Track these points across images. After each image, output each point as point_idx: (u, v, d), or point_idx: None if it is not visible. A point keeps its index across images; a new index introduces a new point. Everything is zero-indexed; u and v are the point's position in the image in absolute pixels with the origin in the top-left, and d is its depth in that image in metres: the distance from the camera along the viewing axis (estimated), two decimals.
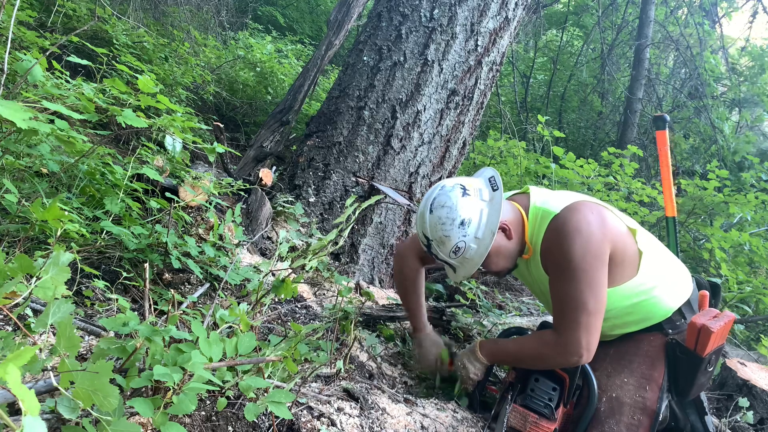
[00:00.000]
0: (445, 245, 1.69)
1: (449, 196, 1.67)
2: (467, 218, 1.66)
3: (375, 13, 3.32)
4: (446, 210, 1.66)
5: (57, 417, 1.05)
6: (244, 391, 1.27)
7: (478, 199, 1.68)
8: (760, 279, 4.27)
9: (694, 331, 1.71)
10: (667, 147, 2.48)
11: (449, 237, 1.67)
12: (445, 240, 1.68)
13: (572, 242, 1.59)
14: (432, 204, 1.69)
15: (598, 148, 8.81)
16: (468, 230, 1.66)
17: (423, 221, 1.71)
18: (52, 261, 1.18)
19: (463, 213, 1.66)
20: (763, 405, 2.44)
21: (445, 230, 1.67)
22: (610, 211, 1.74)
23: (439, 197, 1.69)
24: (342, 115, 3.12)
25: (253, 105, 6.21)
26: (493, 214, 1.67)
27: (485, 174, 1.79)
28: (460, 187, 1.69)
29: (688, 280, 1.87)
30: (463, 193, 1.68)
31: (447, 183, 1.72)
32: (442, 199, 1.68)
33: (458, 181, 1.73)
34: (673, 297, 1.78)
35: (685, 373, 1.77)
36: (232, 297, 2.11)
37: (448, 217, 1.66)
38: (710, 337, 1.68)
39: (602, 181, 4.88)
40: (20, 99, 1.78)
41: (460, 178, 1.75)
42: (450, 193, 1.68)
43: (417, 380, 2.10)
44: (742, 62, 10.02)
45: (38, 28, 3.78)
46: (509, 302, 3.19)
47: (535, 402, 1.76)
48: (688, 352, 1.73)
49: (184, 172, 2.52)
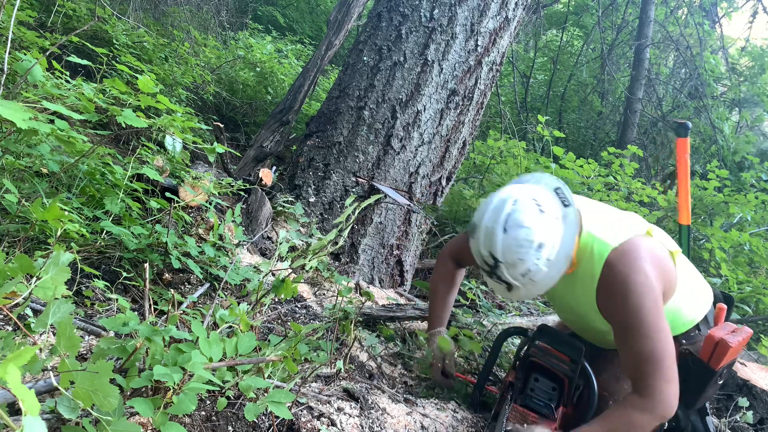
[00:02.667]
0: (516, 268, 1.52)
1: (527, 215, 1.49)
2: (545, 240, 1.50)
3: (375, 13, 3.32)
4: (524, 231, 1.48)
5: (57, 417, 1.05)
6: (244, 391, 1.27)
7: (553, 216, 1.53)
8: (760, 279, 4.27)
9: (711, 344, 1.70)
10: (688, 155, 2.39)
11: (523, 260, 1.50)
12: (518, 263, 1.51)
13: (636, 300, 1.55)
14: (507, 222, 1.49)
15: (598, 148, 8.80)
16: (543, 253, 1.51)
17: (492, 241, 1.51)
18: (52, 261, 1.18)
19: (542, 234, 1.50)
20: (763, 405, 2.44)
21: (521, 253, 1.49)
22: (656, 237, 1.71)
23: (514, 215, 1.49)
24: (342, 115, 3.12)
25: (253, 105, 6.21)
26: (569, 236, 1.54)
27: (548, 184, 1.61)
28: (535, 203, 1.52)
29: (710, 293, 1.87)
30: (540, 210, 1.51)
31: (518, 196, 1.53)
32: (519, 218, 1.49)
33: (528, 193, 1.54)
34: (695, 311, 1.78)
35: (694, 384, 1.76)
36: (232, 297, 2.11)
37: (526, 239, 1.49)
38: (727, 352, 1.67)
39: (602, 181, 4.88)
40: (20, 99, 1.78)
41: (526, 189, 1.56)
42: (527, 210, 1.50)
43: (417, 380, 2.10)
44: (742, 62, 10.02)
45: (38, 28, 3.78)
46: (509, 302, 3.19)
47: (535, 402, 1.76)
48: (701, 363, 1.73)
49: (184, 172, 2.52)
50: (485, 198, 1.68)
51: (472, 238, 1.58)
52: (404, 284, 3.26)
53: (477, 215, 1.59)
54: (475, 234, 1.56)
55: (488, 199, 1.59)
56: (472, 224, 1.59)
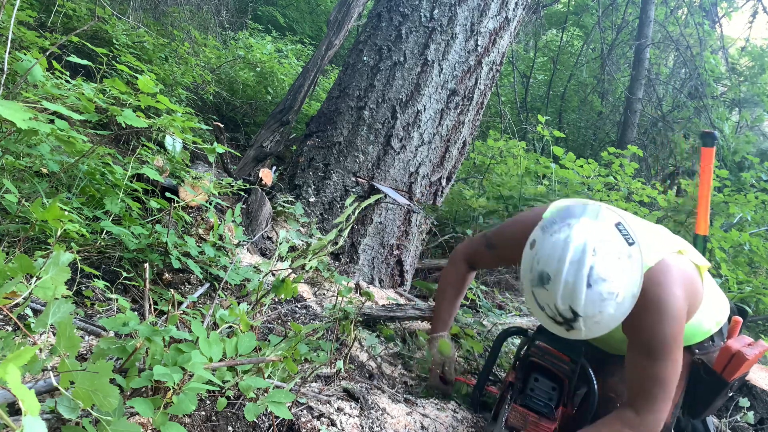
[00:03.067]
0: (593, 319, 1.45)
1: (608, 265, 1.42)
2: (622, 289, 1.44)
3: (375, 13, 3.32)
4: (607, 285, 1.41)
5: (57, 417, 1.05)
6: (244, 391, 1.27)
7: (626, 261, 1.45)
8: (760, 279, 4.27)
9: (727, 356, 1.71)
10: (712, 165, 2.35)
11: (602, 312, 1.44)
12: (597, 315, 1.44)
13: (666, 325, 1.54)
14: (590, 277, 1.40)
15: (598, 148, 8.80)
16: (618, 299, 1.45)
17: (575, 296, 1.41)
18: (52, 261, 1.18)
19: (620, 284, 1.43)
20: (763, 405, 2.44)
21: (602, 306, 1.43)
22: (687, 255, 1.69)
23: (597, 268, 1.41)
24: (342, 115, 3.12)
25: (253, 105, 6.21)
26: (638, 276, 1.48)
27: (607, 218, 1.50)
28: (613, 250, 1.44)
29: (726, 305, 1.87)
30: (617, 257, 1.44)
31: (596, 244, 1.43)
32: (601, 271, 1.41)
33: (601, 237, 1.44)
34: (712, 322, 1.78)
35: (704, 394, 1.76)
36: (232, 297, 2.11)
37: (609, 292, 1.42)
38: (743, 364, 1.68)
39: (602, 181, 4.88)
40: (20, 99, 1.78)
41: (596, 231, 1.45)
42: (607, 260, 1.42)
43: (417, 380, 2.10)
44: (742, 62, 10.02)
45: (38, 28, 3.78)
46: (509, 302, 3.19)
47: (535, 402, 1.76)
48: (714, 374, 1.73)
49: (184, 172, 2.52)
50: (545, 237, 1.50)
51: (542, 289, 1.46)
52: (404, 284, 3.26)
53: (545, 263, 1.45)
54: (548, 285, 1.44)
55: (553, 241, 1.46)
56: (541, 273, 1.46)
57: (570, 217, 1.51)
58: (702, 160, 2.37)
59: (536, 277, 1.48)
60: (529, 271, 1.51)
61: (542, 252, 1.48)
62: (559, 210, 1.59)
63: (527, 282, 1.53)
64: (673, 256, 1.65)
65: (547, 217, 1.63)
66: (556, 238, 1.46)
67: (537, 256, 1.49)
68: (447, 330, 2.13)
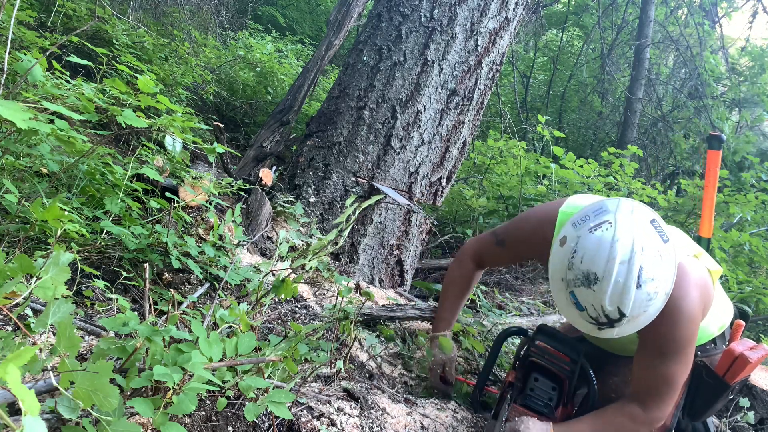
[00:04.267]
0: (637, 320, 1.45)
1: (653, 264, 1.40)
2: (662, 288, 1.44)
3: (375, 13, 3.32)
4: (654, 284, 1.40)
5: (57, 417, 1.05)
6: (244, 391, 1.27)
7: (665, 259, 1.44)
8: (760, 279, 4.27)
9: (730, 359, 1.71)
10: (718, 168, 2.34)
11: (647, 311, 1.44)
12: (641, 316, 1.44)
13: (683, 327, 1.55)
14: (641, 277, 1.38)
15: (598, 148, 8.80)
16: (657, 297, 1.44)
17: (625, 297, 1.39)
18: (52, 261, 1.18)
19: (662, 283, 1.43)
20: (763, 405, 2.44)
21: (648, 306, 1.42)
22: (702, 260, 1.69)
23: (646, 268, 1.39)
24: (342, 115, 3.12)
25: (253, 105, 6.21)
26: (672, 275, 1.47)
27: (643, 214, 1.47)
28: (655, 249, 1.42)
29: (731, 309, 1.87)
30: (659, 255, 1.42)
31: (642, 243, 1.41)
32: (649, 270, 1.39)
33: (644, 235, 1.42)
34: (716, 324, 1.78)
35: (705, 396, 1.77)
36: (232, 297, 2.11)
37: (655, 291, 1.41)
38: (745, 367, 1.68)
39: (602, 181, 4.88)
40: (20, 99, 1.78)
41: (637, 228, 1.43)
42: (652, 258, 1.41)
43: (417, 380, 2.10)
44: (742, 62, 10.02)
45: (38, 28, 3.78)
46: (509, 302, 3.19)
47: (535, 402, 1.76)
48: (716, 377, 1.74)
49: (184, 172, 2.52)
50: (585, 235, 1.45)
51: (588, 289, 1.41)
52: (404, 284, 3.26)
53: (591, 262, 1.41)
54: (596, 286, 1.40)
55: (597, 239, 1.42)
56: (587, 273, 1.41)
57: (605, 212, 1.47)
58: (708, 162, 2.36)
59: (580, 277, 1.43)
60: (567, 270, 1.46)
61: (586, 251, 1.42)
62: (589, 206, 1.54)
63: (563, 283, 1.48)
64: (689, 259, 1.65)
65: (571, 213, 1.60)
66: (600, 236, 1.42)
67: (578, 255, 1.43)
68: (449, 329, 2.12)
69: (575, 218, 1.51)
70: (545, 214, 1.80)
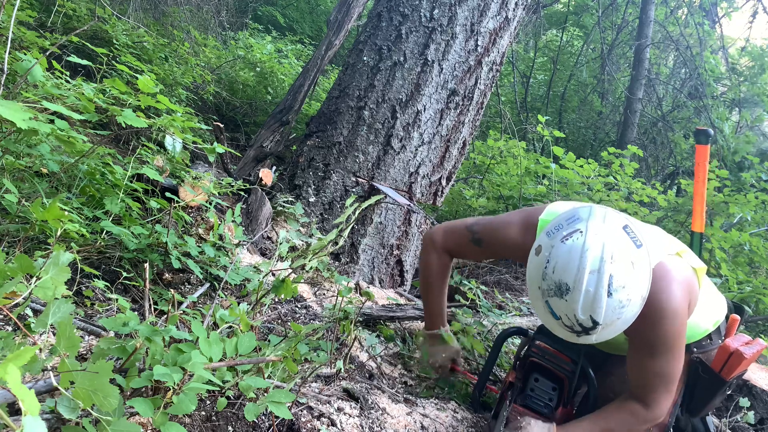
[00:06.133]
0: (612, 327, 1.46)
1: (624, 272, 1.41)
2: (637, 294, 1.45)
3: (375, 13, 3.32)
4: (625, 292, 1.41)
5: (57, 417, 1.05)
6: (244, 391, 1.27)
7: (638, 265, 1.45)
8: (760, 279, 4.27)
9: (725, 355, 1.71)
10: (707, 162, 2.36)
11: (620, 318, 1.44)
12: (616, 322, 1.45)
13: (667, 325, 1.56)
14: (611, 286, 1.39)
15: (598, 148, 8.80)
16: (633, 304, 1.45)
17: (596, 306, 1.40)
18: (52, 261, 1.18)
19: (635, 289, 1.43)
20: (763, 405, 2.44)
21: (620, 313, 1.43)
22: (685, 258, 1.70)
23: (616, 275, 1.40)
24: (342, 115, 3.12)
25: (253, 105, 6.21)
26: (646, 280, 1.47)
27: (614, 221, 1.48)
28: (627, 256, 1.43)
29: (724, 304, 1.87)
30: (631, 261, 1.43)
31: (612, 250, 1.41)
32: (620, 278, 1.40)
33: (615, 242, 1.43)
34: (709, 320, 1.79)
35: (702, 392, 1.78)
36: (232, 297, 2.11)
37: (627, 299, 1.42)
38: (741, 363, 1.69)
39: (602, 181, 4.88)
40: (20, 99, 1.78)
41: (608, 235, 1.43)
42: (623, 266, 1.41)
43: (417, 380, 2.10)
44: (742, 62, 10.02)
45: (38, 28, 3.78)
46: (509, 302, 3.19)
47: (535, 402, 1.76)
48: (712, 373, 1.74)
49: (184, 172, 2.52)
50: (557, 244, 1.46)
51: (561, 299, 1.43)
52: (404, 284, 3.26)
53: (562, 272, 1.42)
54: (567, 296, 1.41)
55: (567, 248, 1.44)
56: (558, 283, 1.43)
57: (577, 221, 1.48)
58: (696, 157, 2.39)
59: (553, 287, 1.44)
60: (542, 280, 1.47)
61: (558, 261, 1.44)
62: (562, 214, 1.55)
63: (539, 291, 1.49)
64: (670, 258, 1.65)
65: (549, 221, 1.61)
66: (571, 246, 1.43)
67: (551, 265, 1.45)
68: (445, 324, 2.12)
69: (549, 227, 1.53)
70: (523, 220, 1.81)
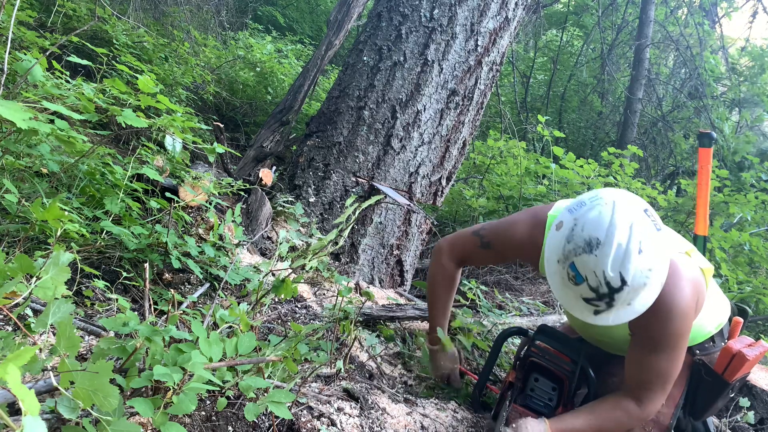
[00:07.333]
0: (636, 293, 1.43)
1: (653, 240, 1.41)
2: (657, 270, 1.44)
3: (375, 13, 3.32)
4: (653, 260, 1.40)
5: (57, 417, 1.05)
6: (244, 391, 1.27)
7: (658, 240, 1.44)
8: (760, 279, 4.27)
9: (728, 356, 1.71)
10: (710, 165, 2.36)
11: (646, 286, 1.42)
12: (640, 289, 1.42)
13: (675, 323, 1.56)
14: (642, 242, 1.38)
15: (598, 148, 8.81)
16: (658, 280, 1.45)
17: (626, 261, 1.38)
18: (52, 261, 1.18)
19: (658, 263, 1.43)
20: (763, 405, 2.44)
21: (649, 278, 1.41)
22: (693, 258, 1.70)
23: (645, 240, 1.39)
24: (342, 115, 3.12)
25: (253, 105, 6.21)
26: (666, 263, 1.47)
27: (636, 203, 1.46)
28: (652, 229, 1.43)
29: (727, 306, 1.87)
30: (655, 236, 1.43)
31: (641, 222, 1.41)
32: (649, 243, 1.40)
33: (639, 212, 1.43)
34: (712, 323, 1.78)
35: (705, 395, 1.77)
36: (232, 297, 2.11)
37: (653, 269, 1.41)
38: (744, 365, 1.68)
39: (602, 181, 4.88)
40: (20, 99, 1.78)
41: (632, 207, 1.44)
42: (652, 237, 1.41)
43: (417, 380, 2.10)
44: (742, 62, 10.02)
45: (38, 28, 3.78)
46: (509, 302, 3.19)
47: (535, 402, 1.76)
48: (715, 375, 1.74)
49: (184, 172, 2.52)
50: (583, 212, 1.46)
51: (590, 255, 1.40)
52: (404, 284, 3.26)
53: (593, 229, 1.41)
54: (598, 250, 1.39)
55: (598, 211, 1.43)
56: (588, 239, 1.40)
57: (599, 198, 1.48)
58: (700, 160, 2.39)
59: (581, 245, 1.41)
60: (566, 243, 1.44)
61: (586, 222, 1.43)
62: (581, 195, 1.56)
63: (563, 255, 1.46)
64: (681, 256, 1.65)
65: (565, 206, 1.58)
66: (600, 210, 1.43)
67: (578, 227, 1.43)
68: (446, 334, 2.12)
69: (571, 206, 1.52)
70: (534, 218, 1.80)
